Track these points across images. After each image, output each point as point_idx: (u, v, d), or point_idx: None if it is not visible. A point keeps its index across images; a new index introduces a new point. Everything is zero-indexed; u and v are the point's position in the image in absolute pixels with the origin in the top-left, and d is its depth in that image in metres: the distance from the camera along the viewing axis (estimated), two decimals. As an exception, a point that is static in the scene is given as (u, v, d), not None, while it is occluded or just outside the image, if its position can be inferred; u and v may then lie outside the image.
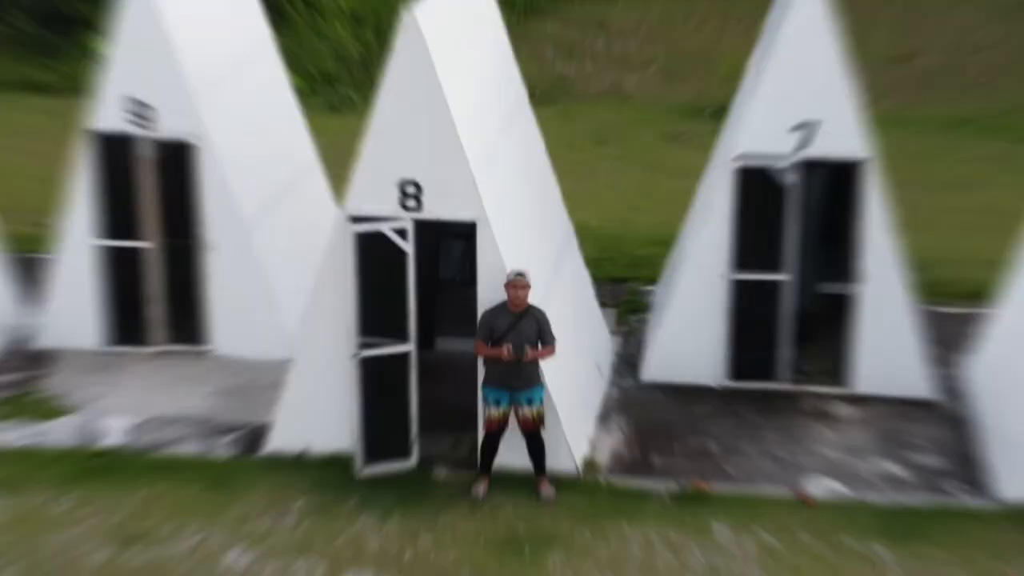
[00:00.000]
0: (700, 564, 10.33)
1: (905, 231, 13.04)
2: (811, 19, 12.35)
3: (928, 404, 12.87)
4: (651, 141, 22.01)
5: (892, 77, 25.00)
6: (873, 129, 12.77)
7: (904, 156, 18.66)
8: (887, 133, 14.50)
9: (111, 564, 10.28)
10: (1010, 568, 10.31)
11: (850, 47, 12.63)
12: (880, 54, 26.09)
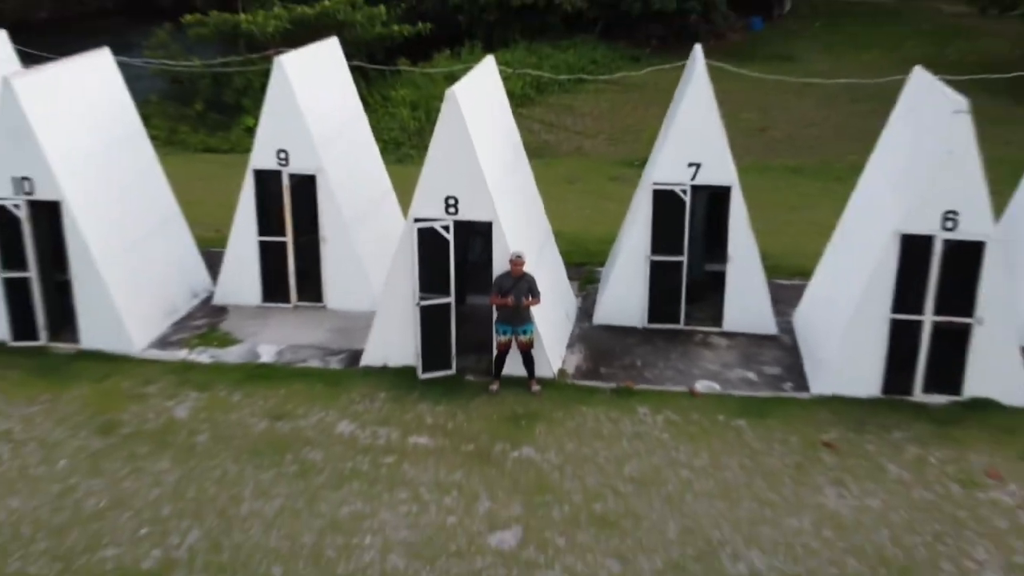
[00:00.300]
0: (629, 430, 10.49)
1: (760, 234, 12.70)
2: (699, 101, 12.11)
3: (772, 337, 12.70)
4: (601, 181, 21.36)
5: (754, 141, 24.82)
6: (740, 173, 12.59)
7: (760, 190, 18.31)
8: (750, 176, 14.26)
9: (267, 431, 10.46)
10: (819, 432, 10.52)
11: (727, 121, 12.54)
12: (747, 127, 25.98)
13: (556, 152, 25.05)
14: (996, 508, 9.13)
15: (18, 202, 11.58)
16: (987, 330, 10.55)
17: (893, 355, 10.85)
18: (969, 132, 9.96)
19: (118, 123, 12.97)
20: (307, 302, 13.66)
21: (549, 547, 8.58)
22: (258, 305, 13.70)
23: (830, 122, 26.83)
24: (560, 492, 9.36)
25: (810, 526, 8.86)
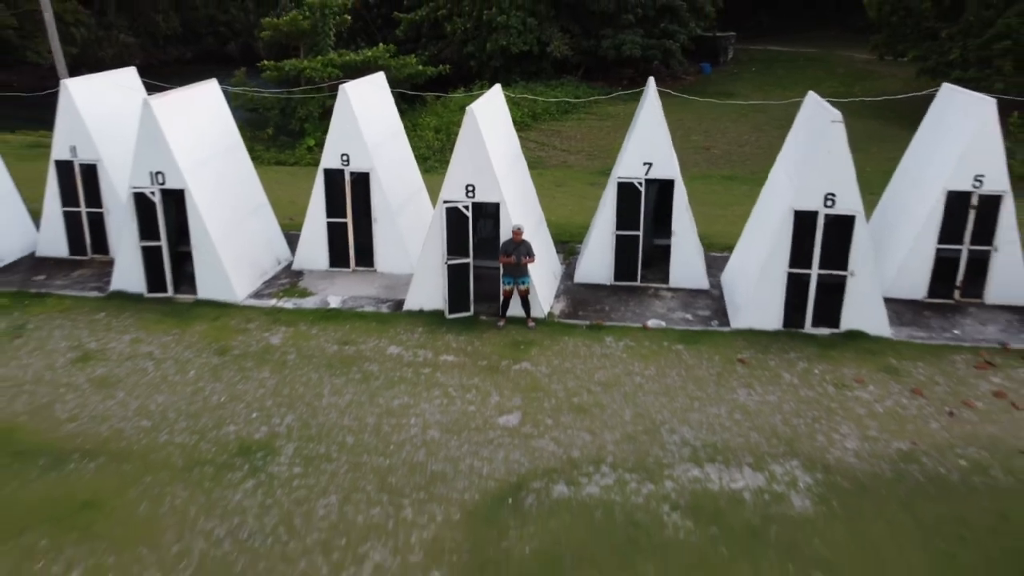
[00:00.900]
0: (598, 352, 11.61)
1: (700, 222, 13.93)
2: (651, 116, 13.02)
3: (705, 291, 13.64)
4: (581, 186, 22.49)
5: (699, 156, 25.94)
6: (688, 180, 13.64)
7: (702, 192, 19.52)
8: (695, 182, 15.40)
9: (337, 352, 11.60)
10: (735, 353, 11.69)
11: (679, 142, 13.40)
12: (695, 146, 27.13)
13: (547, 164, 26.12)
14: (858, 402, 10.41)
15: (153, 190, 12.83)
16: (857, 281, 11.78)
17: (790, 299, 12.03)
18: (842, 136, 11.23)
19: (224, 134, 14.20)
20: (362, 267, 14.56)
21: (540, 425, 9.86)
22: (326, 269, 14.60)
23: (759, 142, 27.84)
24: (548, 391, 10.64)
25: (725, 413, 10.13)
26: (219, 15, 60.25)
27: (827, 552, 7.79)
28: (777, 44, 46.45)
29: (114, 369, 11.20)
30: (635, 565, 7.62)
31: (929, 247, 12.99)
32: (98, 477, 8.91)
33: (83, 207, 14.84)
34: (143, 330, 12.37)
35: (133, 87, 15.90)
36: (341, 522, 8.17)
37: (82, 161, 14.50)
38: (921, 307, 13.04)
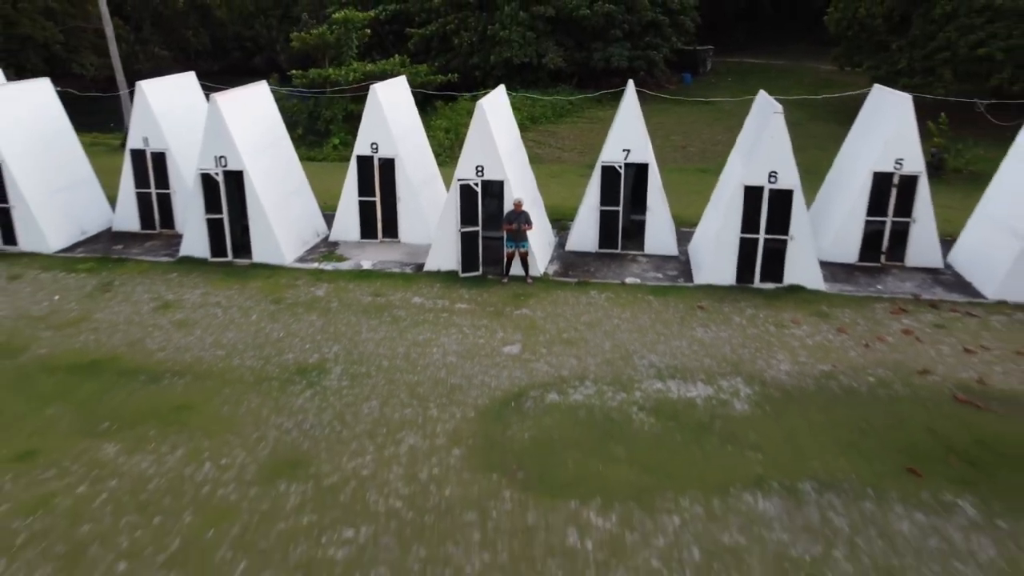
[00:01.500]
0: (584, 301, 13.16)
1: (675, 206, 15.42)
2: (630, 111, 14.54)
3: (674, 257, 15.16)
4: (573, 177, 23.03)
5: (677, 153, 27.33)
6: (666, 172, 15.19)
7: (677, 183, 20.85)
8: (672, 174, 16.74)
9: (371, 301, 13.12)
10: (696, 301, 13.28)
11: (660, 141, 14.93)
12: (673, 144, 28.58)
13: (544, 160, 27.48)
14: (793, 337, 12.02)
15: (218, 172, 14.45)
16: (797, 244, 13.40)
17: (741, 260, 13.63)
18: (782, 124, 12.84)
19: (273, 127, 15.81)
20: (388, 238, 16.04)
21: (536, 353, 11.48)
22: (358, 240, 16.10)
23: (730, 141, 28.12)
24: (543, 329, 12.25)
25: (685, 345, 11.75)
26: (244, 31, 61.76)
27: (758, 439, 9.41)
28: (752, 57, 48.01)
29: (190, 314, 12.82)
30: (609, 447, 9.24)
31: (859, 219, 14.60)
32: (187, 389, 10.53)
33: (153, 188, 16.44)
34: (210, 286, 13.99)
35: (192, 88, 17.51)
36: (381, 418, 9.80)
37: (153, 150, 16.10)
38: (853, 269, 14.65)
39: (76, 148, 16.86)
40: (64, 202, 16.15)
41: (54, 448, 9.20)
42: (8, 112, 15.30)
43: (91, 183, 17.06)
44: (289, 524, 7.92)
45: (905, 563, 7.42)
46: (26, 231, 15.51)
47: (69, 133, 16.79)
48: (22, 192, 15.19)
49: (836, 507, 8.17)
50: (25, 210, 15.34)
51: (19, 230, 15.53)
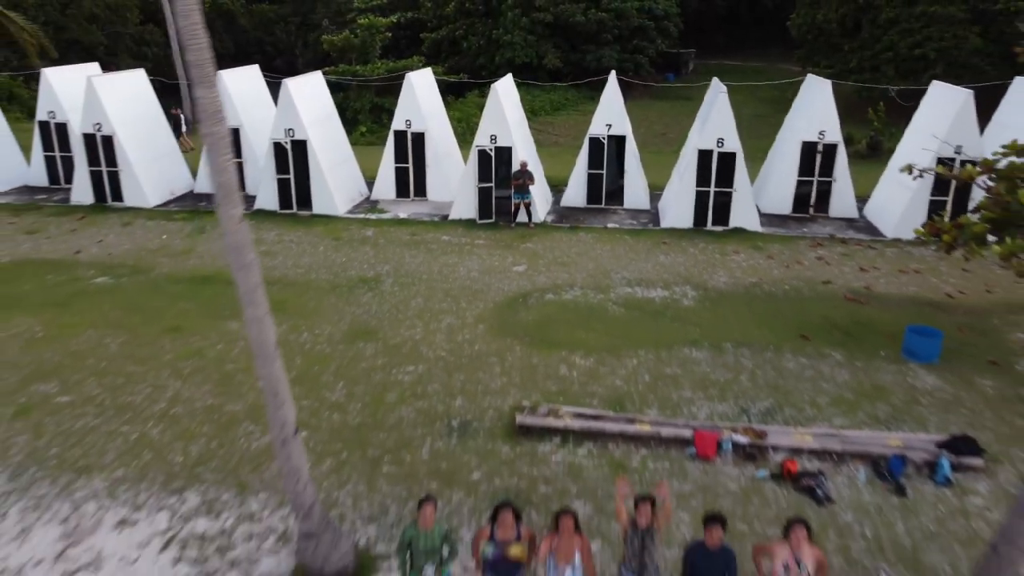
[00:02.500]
0: (575, 240, 16.26)
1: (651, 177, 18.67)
2: (612, 96, 17.62)
3: (647, 210, 18.19)
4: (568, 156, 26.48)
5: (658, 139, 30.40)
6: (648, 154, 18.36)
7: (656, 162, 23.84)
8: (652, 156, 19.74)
9: (410, 239, 16.24)
10: (661, 239, 16.44)
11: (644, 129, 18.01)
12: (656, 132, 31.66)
13: (543, 144, 30.12)
14: (732, 261, 15.19)
15: (286, 141, 17.62)
16: (738, 195, 16.58)
17: (697, 208, 16.78)
18: (726, 102, 16.02)
19: (326, 107, 18.98)
20: (418, 197, 19.12)
21: (538, 270, 14.67)
22: (394, 198, 19.18)
23: None
24: (542, 256, 15.45)
25: (650, 266, 14.93)
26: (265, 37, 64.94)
27: (698, 320, 12.60)
28: (730, 59, 51.08)
29: (271, 247, 16.01)
30: (590, 324, 12.42)
31: (792, 179, 17.78)
32: (281, 292, 13.72)
33: (228, 158, 19.58)
34: (282, 229, 17.16)
35: (257, 78, 20.67)
36: (426, 308, 13.00)
37: (229, 126, 19.25)
38: (787, 218, 17.82)
39: (164, 126, 20.04)
40: (158, 168, 19.33)
41: (193, 325, 12.41)
42: (116, 96, 18.47)
43: (175, 154, 20.24)
44: (369, 364, 11.12)
45: (788, 384, 10.61)
46: (130, 189, 18.69)
47: (159, 114, 19.96)
48: (128, 158, 18.38)
49: (746, 355, 11.37)
50: (130, 173, 18.52)
51: (125, 189, 18.71)
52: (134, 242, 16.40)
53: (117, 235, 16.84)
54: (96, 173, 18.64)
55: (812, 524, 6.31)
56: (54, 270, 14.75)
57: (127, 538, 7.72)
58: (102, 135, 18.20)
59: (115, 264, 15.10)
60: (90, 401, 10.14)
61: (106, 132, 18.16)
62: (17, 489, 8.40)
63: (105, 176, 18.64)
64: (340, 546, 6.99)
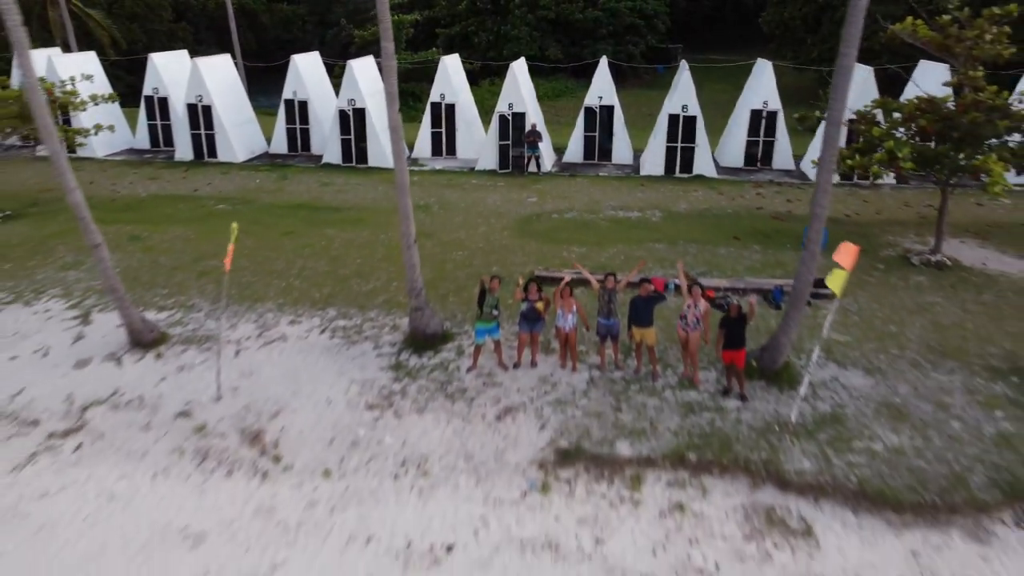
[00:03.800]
0: (574, 183, 21.06)
1: (637, 143, 23.61)
2: (603, 75, 22.26)
3: (631, 165, 22.79)
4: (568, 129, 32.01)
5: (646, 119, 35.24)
6: (636, 130, 23.22)
7: (643, 132, 28.80)
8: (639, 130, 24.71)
9: (446, 182, 21.07)
10: (640, 183, 21.25)
11: (633, 111, 22.81)
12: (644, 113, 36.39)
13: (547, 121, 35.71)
14: (692, 195, 19.95)
15: (349, 109, 22.42)
16: (699, 149, 21.37)
17: (667, 159, 21.57)
18: (689, 76, 20.80)
19: (376, 82, 23.74)
20: (450, 155, 23.85)
21: (546, 201, 19.45)
22: (430, 156, 23.83)
23: None
24: (549, 192, 20.24)
25: (630, 198, 19.71)
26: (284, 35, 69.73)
27: (661, 228, 17.34)
28: (715, 53, 55.81)
29: (341, 188, 20.79)
30: (585, 231, 17.18)
31: (743, 140, 22.57)
32: (358, 215, 18.49)
33: (298, 124, 24.40)
34: (347, 177, 21.95)
35: (317, 62, 25.45)
36: (465, 222, 17.78)
37: (299, 99, 24.07)
38: (739, 169, 22.60)
39: (244, 98, 24.83)
40: (242, 132, 24.12)
41: (300, 231, 17.19)
42: (212, 74, 23.24)
43: (253, 121, 25.04)
44: (430, 251, 15.87)
45: (718, 260, 15.36)
46: (223, 148, 23.49)
47: (240, 89, 24.74)
48: (223, 122, 23.17)
49: (693, 247, 16.13)
50: (223, 134, 23.31)
51: (219, 148, 23.50)
52: (235, 185, 21.19)
53: (220, 180, 21.64)
54: (196, 135, 23.42)
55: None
56: (183, 201, 19.55)
57: (297, 328, 12.52)
58: (202, 105, 22.98)
59: (227, 197, 19.89)
60: (246, 269, 14.92)
61: (206, 103, 22.94)
62: (218, 308, 13.20)
63: (203, 138, 23.43)
64: (433, 321, 11.79)
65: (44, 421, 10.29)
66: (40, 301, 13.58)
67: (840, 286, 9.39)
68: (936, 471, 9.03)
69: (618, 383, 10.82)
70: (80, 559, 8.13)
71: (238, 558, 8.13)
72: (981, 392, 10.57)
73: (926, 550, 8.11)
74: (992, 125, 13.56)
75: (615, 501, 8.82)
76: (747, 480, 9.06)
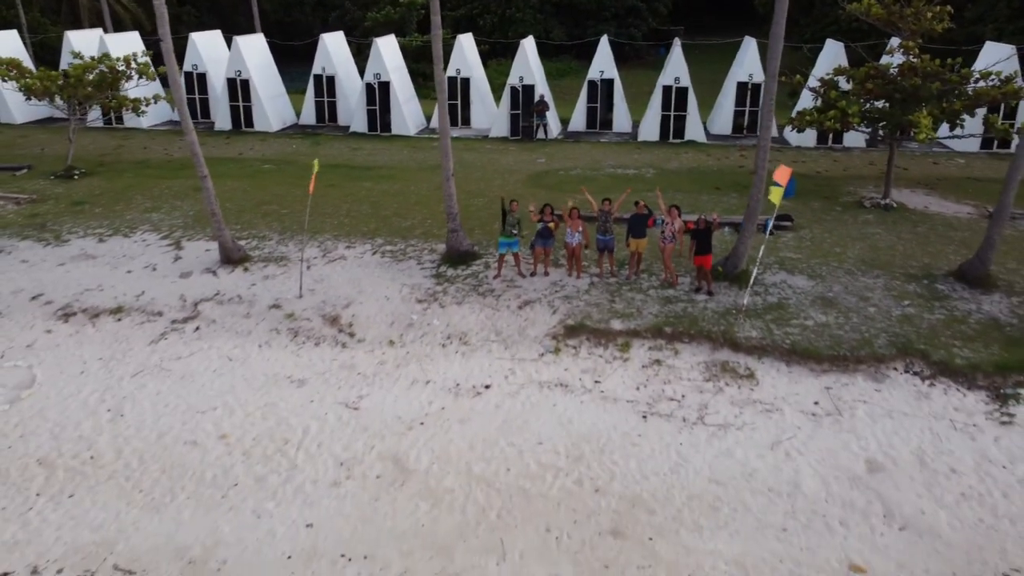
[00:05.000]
0: (578, 147, 24.66)
1: (635, 115, 27.13)
2: (603, 52, 26.08)
3: (631, 133, 26.45)
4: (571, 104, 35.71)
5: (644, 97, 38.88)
6: (638, 99, 26.83)
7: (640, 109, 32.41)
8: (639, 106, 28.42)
9: (463, 146, 24.74)
10: (637, 147, 24.84)
11: (637, 88, 26.51)
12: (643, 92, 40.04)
13: None
14: (684, 157, 23.52)
15: (375, 82, 25.98)
16: (690, 117, 24.96)
17: (662, 126, 25.17)
18: (680, 51, 24.34)
19: (400, 59, 27.30)
20: (464, 125, 27.27)
21: (554, 162, 23.02)
22: None
23: None
24: (556, 155, 23.80)
25: (628, 159, 23.28)
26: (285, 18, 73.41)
27: (654, 181, 20.82)
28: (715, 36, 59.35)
29: (371, 152, 24.36)
30: (589, 184, 20.65)
31: (731, 109, 26.14)
32: (389, 172, 22.04)
33: (325, 98, 27.97)
34: (373, 143, 25.53)
35: (341, 41, 29.02)
36: (483, 176, 21.34)
37: (327, 75, 27.63)
38: (727, 136, 26.19)
39: (276, 73, 28.40)
40: (274, 104, 27.68)
41: (340, 183, 20.74)
42: (250, 51, 26.79)
43: (284, 96, 28.63)
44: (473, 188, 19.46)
45: (700, 203, 18.91)
46: (259, 119, 27.06)
47: (272, 65, 28.31)
48: (259, 94, 26.74)
49: (679, 195, 19.64)
50: (260, 106, 26.88)
51: (256, 118, 27.07)
52: (274, 150, 24.76)
53: (260, 146, 25.21)
54: (235, 107, 27.00)
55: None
56: (231, 162, 23.11)
57: (353, 251, 16.09)
58: (241, 79, 26.55)
59: (270, 159, 23.47)
60: (300, 212, 18.42)
61: (244, 77, 26.51)
62: (284, 239, 16.76)
63: (241, 109, 27.00)
64: (465, 242, 15.37)
65: (166, 312, 13.88)
66: (136, 234, 17.16)
67: (777, 198, 12.91)
68: (851, 337, 12.61)
69: (612, 285, 14.39)
70: (218, 392, 11.73)
71: (333, 392, 11.72)
72: (896, 290, 14.13)
73: (836, 386, 11.68)
74: (927, 88, 17.09)
75: (609, 359, 12.40)
76: (709, 345, 12.62)
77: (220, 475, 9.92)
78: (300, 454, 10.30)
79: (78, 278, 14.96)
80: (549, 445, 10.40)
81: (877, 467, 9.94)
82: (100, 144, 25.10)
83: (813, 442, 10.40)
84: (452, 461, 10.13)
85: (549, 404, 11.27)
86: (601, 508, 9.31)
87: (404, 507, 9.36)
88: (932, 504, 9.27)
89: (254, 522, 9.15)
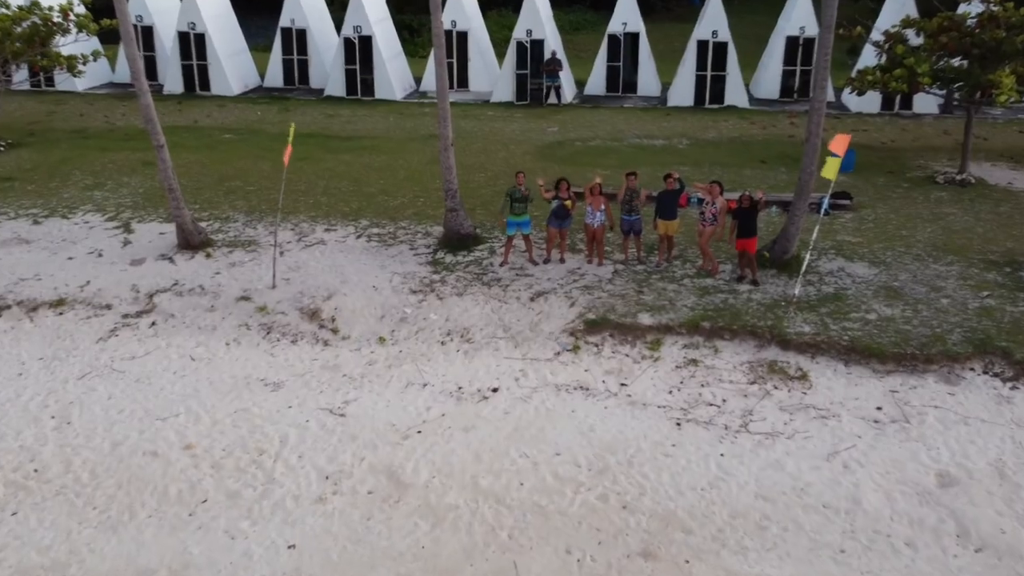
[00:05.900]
0: (596, 114, 25.13)
1: (664, 76, 27.54)
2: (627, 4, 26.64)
3: (658, 96, 27.25)
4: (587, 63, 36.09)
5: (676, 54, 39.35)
6: (665, 59, 27.23)
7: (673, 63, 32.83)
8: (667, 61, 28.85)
9: (462, 114, 25.15)
10: (667, 114, 25.25)
11: (665, 44, 26.85)
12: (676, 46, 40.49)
13: None
14: (722, 126, 23.95)
15: (355, 36, 26.37)
16: (731, 78, 25.37)
17: (697, 89, 25.58)
18: (718, 1, 24.75)
19: (384, 10, 27.73)
20: (461, 88, 27.72)
21: (568, 131, 23.43)
22: None
23: None
24: (570, 123, 24.23)
25: (655, 128, 23.68)
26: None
27: (688, 154, 21.29)
28: (760, -18, 59.73)
29: (349, 119, 24.79)
30: (607, 156, 21.14)
31: (778, 69, 26.56)
32: (371, 143, 22.47)
33: (295, 55, 28.40)
34: (353, 108, 25.95)
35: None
36: (485, 149, 21.75)
37: (297, 28, 28.03)
38: (774, 101, 26.62)
39: (236, 26, 28.83)
40: (234, 63, 28.12)
41: (316, 157, 21.15)
42: (205, 2, 27.24)
43: (246, 53, 29.06)
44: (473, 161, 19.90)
45: (743, 179, 19.31)
46: (217, 80, 27.51)
47: (232, 16, 28.73)
48: (217, 52, 27.18)
49: (718, 170, 20.03)
50: (217, 65, 27.33)
51: (212, 79, 27.51)
52: (235, 117, 25.20)
53: (218, 113, 25.65)
54: (187, 67, 27.44)
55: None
56: (187, 132, 23.54)
57: (333, 234, 16.50)
58: (195, 33, 26.99)
59: (231, 128, 23.91)
60: (269, 188, 18.87)
61: (199, 30, 26.94)
62: (252, 220, 17.18)
63: (195, 69, 27.44)
64: (467, 223, 15.79)
65: (116, 305, 14.28)
66: (76, 215, 17.58)
67: (834, 172, 13.30)
68: (920, 332, 13.00)
69: (640, 274, 14.80)
70: (180, 396, 12.12)
71: (314, 396, 12.11)
72: (974, 279, 14.53)
73: (903, 389, 12.06)
74: (1011, 41, 17.48)
75: (637, 358, 12.79)
76: (754, 342, 13.01)
77: (186, 490, 10.29)
78: (279, 466, 10.67)
79: (11, 266, 15.36)
80: (568, 456, 10.78)
81: (950, 481, 10.31)
82: (28, 110, 25.53)
83: (876, 452, 10.77)
84: (455, 474, 10.50)
85: (567, 410, 11.65)
86: (630, 527, 9.67)
87: (401, 526, 9.74)
88: (1013, 522, 9.64)
89: (227, 543, 9.52)
